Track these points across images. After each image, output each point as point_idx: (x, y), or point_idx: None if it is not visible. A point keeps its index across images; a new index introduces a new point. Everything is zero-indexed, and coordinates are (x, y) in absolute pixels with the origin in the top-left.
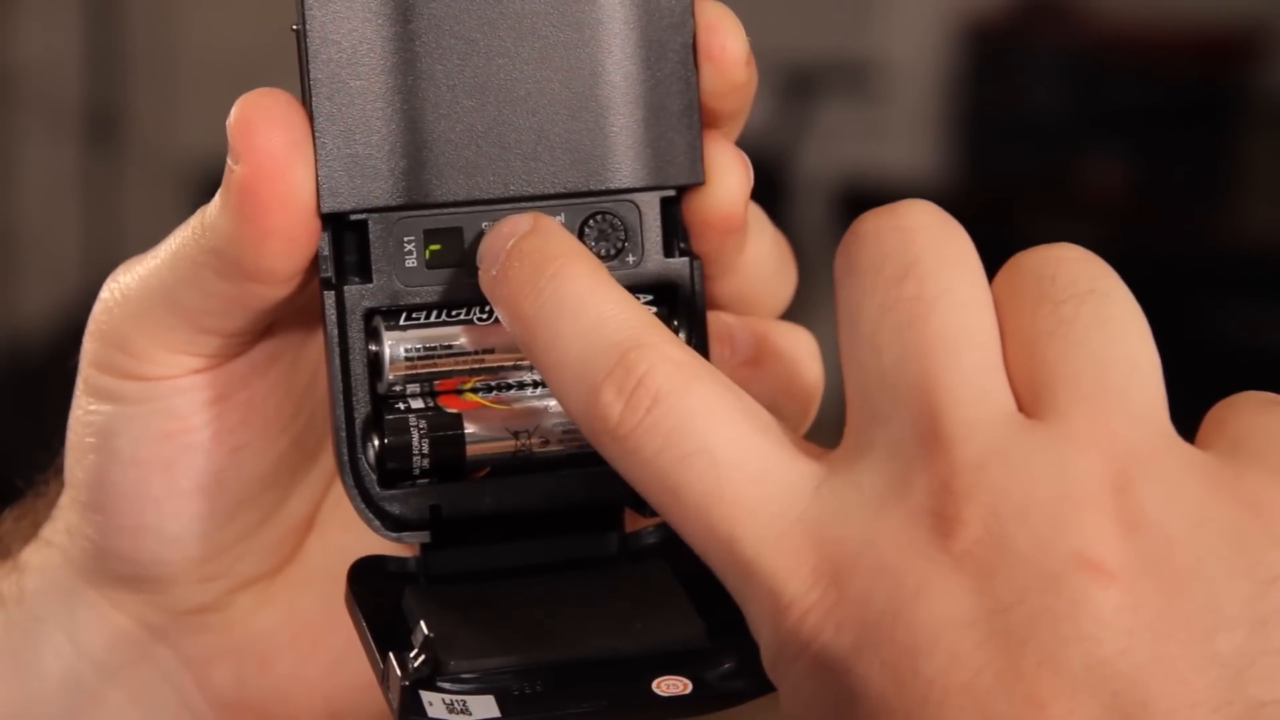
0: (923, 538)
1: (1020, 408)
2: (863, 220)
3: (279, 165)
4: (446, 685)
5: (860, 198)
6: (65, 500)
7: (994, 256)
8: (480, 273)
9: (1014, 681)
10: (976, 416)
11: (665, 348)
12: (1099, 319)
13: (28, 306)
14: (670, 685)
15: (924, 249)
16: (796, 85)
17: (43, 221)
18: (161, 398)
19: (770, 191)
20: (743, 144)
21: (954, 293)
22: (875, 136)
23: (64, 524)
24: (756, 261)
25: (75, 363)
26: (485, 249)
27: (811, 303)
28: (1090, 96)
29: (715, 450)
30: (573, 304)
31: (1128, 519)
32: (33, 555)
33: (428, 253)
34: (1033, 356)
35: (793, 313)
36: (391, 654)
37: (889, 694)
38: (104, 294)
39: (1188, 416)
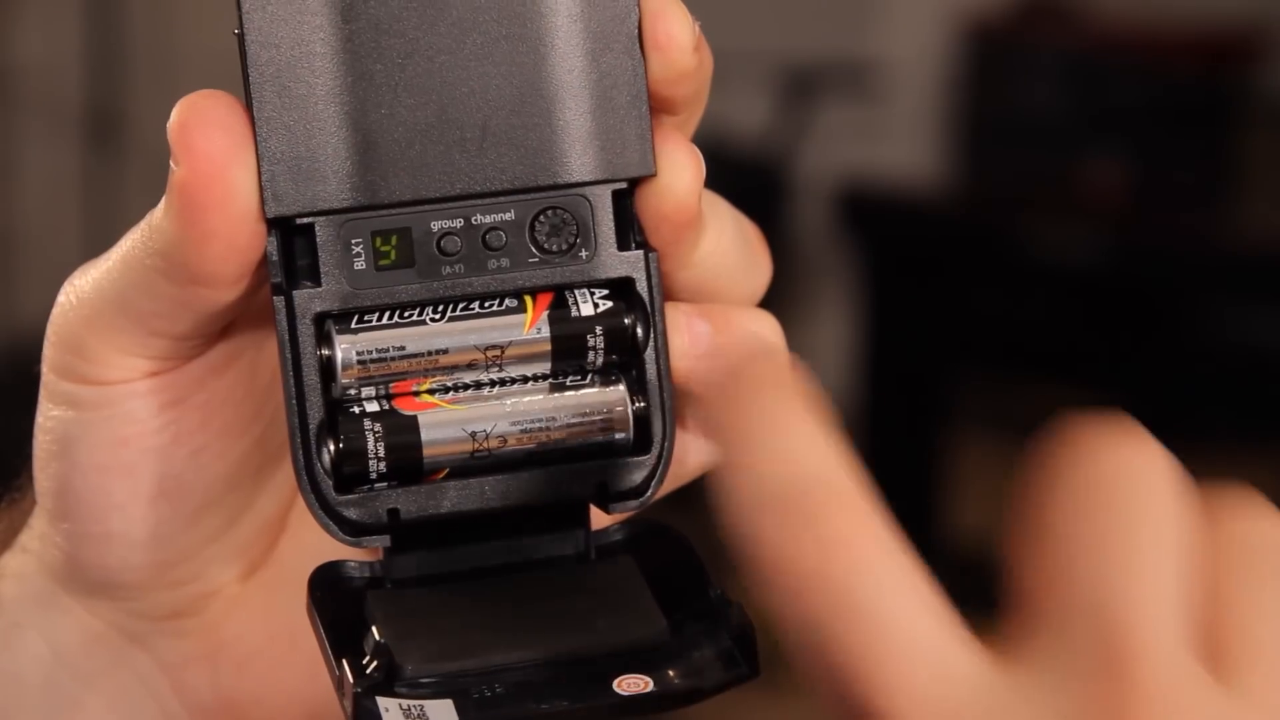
0: None
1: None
2: (1093, 449)
3: (217, 167)
4: (403, 690)
5: (860, 198)
6: (37, 508)
7: (994, 257)
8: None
9: None
10: (1166, 668)
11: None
12: None
13: (28, 306)
14: (631, 683)
15: (1136, 480)
16: (796, 85)
17: (43, 221)
18: (118, 402)
19: (770, 192)
20: (743, 144)
21: (1159, 530)
22: (875, 137)
23: (38, 530)
24: (717, 252)
25: (39, 370)
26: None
27: (811, 302)
28: (1090, 96)
29: (892, 623)
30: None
31: None
32: (10, 561)
33: (376, 254)
34: (1229, 621)
35: (792, 312)
36: (345, 660)
37: None
38: (60, 298)
39: (1188, 416)
